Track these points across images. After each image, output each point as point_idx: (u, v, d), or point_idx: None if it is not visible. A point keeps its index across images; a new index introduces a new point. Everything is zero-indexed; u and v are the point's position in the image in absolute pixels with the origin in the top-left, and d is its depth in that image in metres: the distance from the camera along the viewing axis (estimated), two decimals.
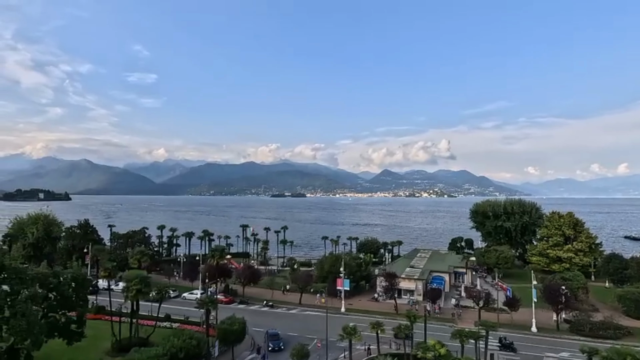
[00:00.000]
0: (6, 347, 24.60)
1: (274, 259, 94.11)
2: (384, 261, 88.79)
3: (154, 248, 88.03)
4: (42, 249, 69.97)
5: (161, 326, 39.90)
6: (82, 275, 33.02)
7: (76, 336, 29.89)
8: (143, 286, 35.00)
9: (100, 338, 36.43)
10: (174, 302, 53.80)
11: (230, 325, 34.70)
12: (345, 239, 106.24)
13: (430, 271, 63.82)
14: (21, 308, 24.02)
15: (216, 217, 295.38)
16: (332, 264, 59.86)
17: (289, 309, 53.84)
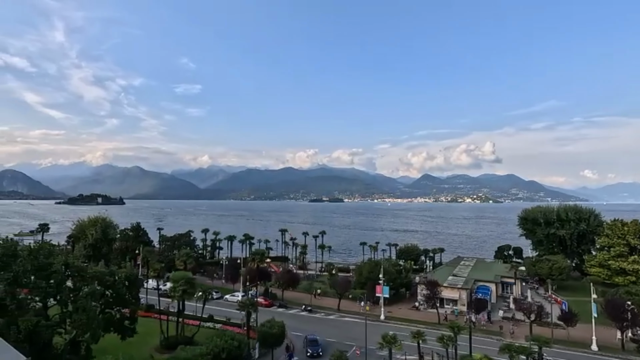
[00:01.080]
0: (69, 339, 26.82)
1: (312, 263, 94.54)
2: (425, 269, 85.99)
3: (198, 250, 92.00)
4: (100, 249, 75.56)
5: (204, 326, 41.47)
6: (135, 275, 35.26)
7: (129, 332, 31.83)
8: (188, 287, 36.66)
9: (150, 335, 38.52)
10: (216, 304, 55.68)
11: (269, 328, 35.23)
12: (384, 245, 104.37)
13: (475, 280, 60.75)
14: (82, 303, 26.10)
15: (256, 221, 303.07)
16: (370, 270, 58.96)
17: (327, 314, 53.71)
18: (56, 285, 27.02)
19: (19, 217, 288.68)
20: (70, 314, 26.15)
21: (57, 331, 26.56)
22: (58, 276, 26.72)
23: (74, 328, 26.17)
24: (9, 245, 27.22)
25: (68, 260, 28.55)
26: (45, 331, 24.53)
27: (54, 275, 26.82)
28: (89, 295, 27.30)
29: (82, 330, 25.90)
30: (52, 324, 26.12)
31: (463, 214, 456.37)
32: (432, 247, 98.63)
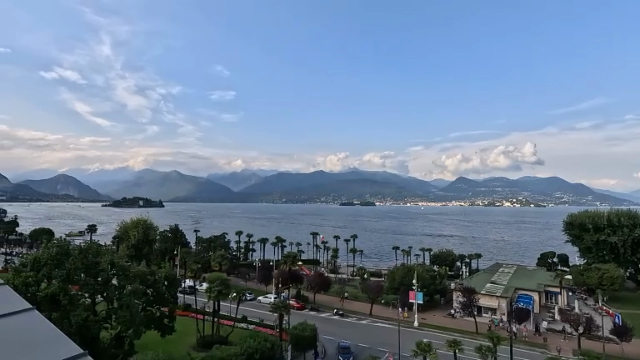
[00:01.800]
0: (115, 334, 28.44)
1: (343, 267, 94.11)
2: (461, 275, 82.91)
3: (232, 252, 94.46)
4: (141, 250, 79.60)
5: (238, 327, 42.43)
6: (173, 275, 36.83)
7: (168, 330, 33.20)
8: (224, 288, 37.75)
9: (187, 333, 39.94)
10: (249, 305, 56.76)
11: (302, 331, 35.44)
12: (418, 250, 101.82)
13: (516, 288, 57.73)
14: (126, 301, 27.59)
15: (287, 224, 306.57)
16: (403, 276, 57.76)
17: (359, 318, 53.16)
18: (103, 283, 28.77)
19: (70, 218, 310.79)
20: (116, 310, 27.72)
21: (104, 326, 28.24)
22: (105, 274, 28.45)
23: (118, 324, 27.71)
24: (63, 244, 29.38)
25: (113, 259, 30.31)
26: (93, 326, 26.18)
27: (101, 274, 28.58)
28: (132, 293, 28.81)
29: (126, 326, 27.36)
30: (99, 319, 27.84)
31: (501, 219, 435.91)
32: (468, 252, 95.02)
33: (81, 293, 28.72)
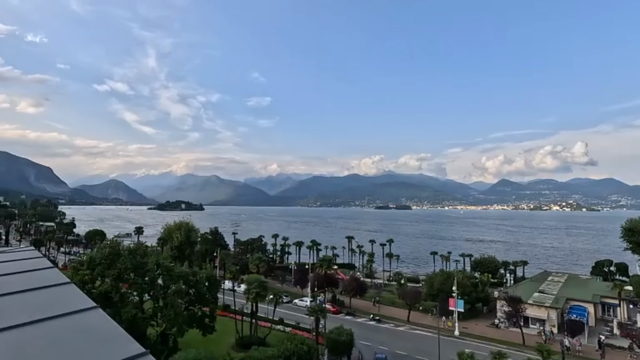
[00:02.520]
0: (160, 331, 29.91)
1: (379, 272, 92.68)
2: (505, 283, 78.62)
3: (269, 255, 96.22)
4: (183, 251, 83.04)
5: (275, 328, 43.06)
6: (214, 276, 38.13)
7: (209, 329, 34.35)
8: (261, 290, 38.49)
9: (226, 333, 41.08)
10: (285, 307, 57.41)
11: (338, 335, 35.27)
12: (457, 256, 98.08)
13: (567, 299, 53.70)
14: (170, 300, 28.97)
15: (322, 227, 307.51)
16: (442, 282, 55.73)
17: (397, 325, 51.97)
18: (150, 282, 30.42)
19: (119, 220, 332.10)
20: (161, 308, 29.18)
21: (150, 323, 29.80)
22: (151, 274, 30.06)
23: (164, 322, 29.15)
24: (114, 245, 31.48)
25: (159, 260, 31.96)
26: (141, 322, 27.73)
27: (148, 273, 30.24)
28: (176, 292, 30.20)
29: (170, 324, 28.72)
30: (146, 316, 29.42)
31: (549, 224, 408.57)
32: (512, 259, 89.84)
33: (130, 291, 30.54)
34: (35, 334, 2.68)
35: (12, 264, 4.84)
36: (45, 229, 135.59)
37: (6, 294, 3.40)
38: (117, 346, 2.53)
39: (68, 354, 2.41)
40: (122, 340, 2.58)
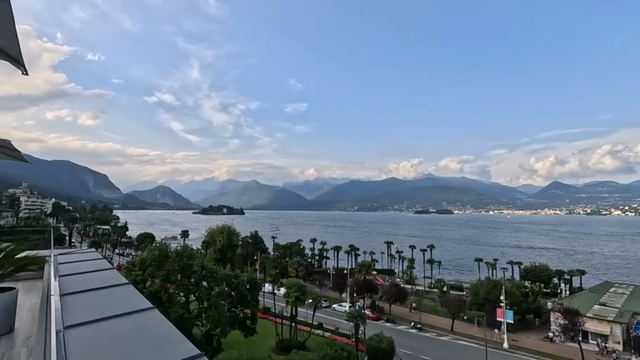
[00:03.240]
0: (205, 331, 31.07)
1: (419, 278, 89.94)
2: (559, 293, 72.97)
3: (307, 259, 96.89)
4: (226, 254, 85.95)
5: (314, 333, 43.09)
6: (255, 279, 39.02)
7: (250, 331, 35.16)
8: (301, 294, 38.79)
9: (267, 335, 41.75)
10: (324, 312, 57.33)
11: (378, 342, 34.62)
12: (504, 263, 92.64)
13: (634, 313, 48.69)
14: (214, 301, 30.03)
15: (360, 232, 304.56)
16: (489, 291, 52.89)
17: (439, 334, 49.99)
18: (195, 283, 31.77)
19: (167, 224, 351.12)
20: (206, 309, 30.34)
21: (196, 323, 31.06)
22: (197, 276, 31.41)
23: (208, 322, 30.26)
24: (163, 248, 33.29)
25: (203, 262, 33.31)
26: (187, 322, 28.97)
27: (194, 275, 31.61)
28: (219, 294, 31.26)
29: (214, 324, 29.75)
30: (192, 316, 30.71)
31: (610, 230, 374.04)
32: (567, 268, 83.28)
33: (177, 292, 32.08)
34: (101, 331, 2.82)
35: (79, 264, 5.23)
36: (102, 231, 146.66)
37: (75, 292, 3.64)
38: (174, 347, 2.60)
39: (130, 351, 2.52)
40: (178, 341, 2.65)
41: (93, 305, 3.61)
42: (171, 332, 2.85)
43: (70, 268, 5.19)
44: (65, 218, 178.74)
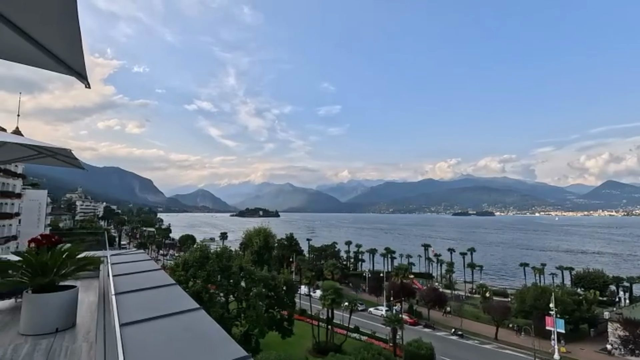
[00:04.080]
0: (244, 331, 31.84)
1: (459, 283, 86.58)
2: (617, 302, 67.21)
3: (342, 262, 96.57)
4: (262, 255, 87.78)
5: (351, 336, 42.73)
6: (291, 280, 39.49)
7: (287, 332, 35.57)
8: (337, 296, 38.69)
9: (303, 337, 42.01)
10: (360, 315, 56.71)
11: (417, 348, 33.68)
12: (553, 268, 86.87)
13: None
14: (252, 302, 30.72)
15: (395, 235, 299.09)
16: (536, 297, 49.78)
17: (482, 342, 47.75)
18: (234, 284, 32.70)
19: (206, 226, 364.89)
20: (244, 310, 31.12)
21: (235, 323, 31.94)
22: (235, 277, 32.32)
23: (247, 322, 31.00)
24: (204, 249, 34.62)
25: (242, 264, 34.24)
26: (227, 322, 29.84)
27: (233, 276, 32.56)
28: (257, 295, 31.93)
29: (252, 325, 30.43)
30: (231, 316, 31.61)
31: None
32: (627, 274, 76.48)
33: (217, 292, 33.19)
34: (153, 330, 2.94)
35: (130, 264, 5.54)
36: (147, 233, 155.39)
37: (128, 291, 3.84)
38: (221, 347, 2.67)
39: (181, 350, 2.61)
40: (225, 342, 2.71)
41: (145, 304, 3.79)
42: (218, 332, 2.93)
43: (122, 268, 5.50)
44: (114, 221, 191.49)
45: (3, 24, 1.47)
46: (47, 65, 1.79)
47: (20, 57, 1.76)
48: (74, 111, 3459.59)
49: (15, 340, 4.39)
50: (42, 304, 4.67)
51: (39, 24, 1.58)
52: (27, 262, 4.72)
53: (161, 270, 5.72)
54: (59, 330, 4.60)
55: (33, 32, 1.57)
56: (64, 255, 4.94)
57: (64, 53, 1.70)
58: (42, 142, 5.43)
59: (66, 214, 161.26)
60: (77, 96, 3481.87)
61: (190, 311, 3.49)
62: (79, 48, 1.65)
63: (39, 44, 1.63)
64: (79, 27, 1.52)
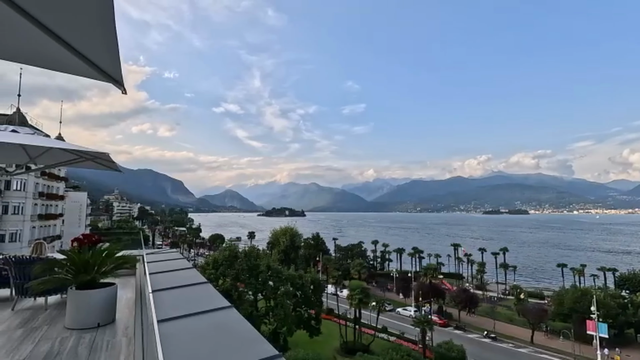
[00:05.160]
0: (272, 329, 32.30)
1: (491, 284, 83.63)
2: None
3: (369, 261, 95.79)
4: (289, 255, 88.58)
5: (379, 337, 42.31)
6: (318, 279, 39.63)
7: (315, 331, 35.74)
8: (364, 296, 38.46)
9: (330, 336, 42.00)
10: (388, 315, 56.07)
11: (447, 350, 32.88)
12: (594, 269, 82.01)
13: None
14: (280, 300, 31.12)
15: (423, 234, 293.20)
16: (575, 300, 47.27)
17: (517, 346, 45.89)
18: (262, 283, 33.25)
19: (235, 226, 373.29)
20: (272, 308, 31.59)
21: (263, 321, 32.49)
22: (263, 275, 32.86)
23: (275, 320, 31.45)
24: (233, 248, 35.44)
25: (269, 263, 34.74)
26: (256, 320, 30.39)
27: (261, 275, 33.11)
28: (284, 294, 32.32)
29: (281, 323, 30.82)
30: (260, 314, 32.17)
31: None
32: None
33: (246, 290, 33.88)
34: (188, 327, 3.03)
35: (164, 263, 5.75)
36: (179, 233, 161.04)
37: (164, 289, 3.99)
38: (253, 346, 2.69)
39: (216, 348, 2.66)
40: (257, 341, 2.73)
41: (180, 301, 3.92)
42: (250, 331, 2.97)
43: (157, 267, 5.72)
44: (148, 221, 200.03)
45: (49, 36, 1.61)
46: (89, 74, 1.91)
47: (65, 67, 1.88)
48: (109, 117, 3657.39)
49: (61, 333, 4.69)
50: (85, 300, 4.96)
51: (82, 36, 1.69)
52: (71, 261, 5.03)
53: (193, 268, 5.90)
54: (100, 325, 4.87)
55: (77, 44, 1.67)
56: (104, 254, 5.22)
57: (104, 62, 1.82)
58: (83, 147, 5.76)
59: (104, 214, 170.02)
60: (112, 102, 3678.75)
61: (222, 309, 3.57)
62: (117, 57, 1.75)
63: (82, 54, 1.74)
64: (116, 37, 1.62)
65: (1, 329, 4.90)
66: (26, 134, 5.89)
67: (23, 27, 1.53)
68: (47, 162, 7.37)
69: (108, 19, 1.51)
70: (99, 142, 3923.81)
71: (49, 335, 4.65)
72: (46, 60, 1.91)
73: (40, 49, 1.74)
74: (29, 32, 1.56)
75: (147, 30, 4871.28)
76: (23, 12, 1.47)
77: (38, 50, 1.76)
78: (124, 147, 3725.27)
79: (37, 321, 5.28)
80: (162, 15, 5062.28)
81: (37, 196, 49.44)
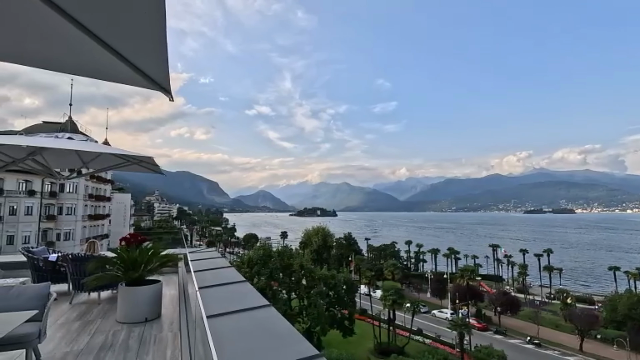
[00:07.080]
0: (306, 328, 32.60)
1: (534, 287, 79.30)
2: None
3: (402, 262, 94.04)
4: (321, 254, 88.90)
5: (413, 339, 41.46)
6: (351, 279, 39.50)
7: (349, 331, 35.64)
8: (398, 297, 37.86)
9: (364, 337, 41.69)
10: (423, 317, 54.74)
11: (487, 355, 31.61)
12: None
13: None
14: (313, 300, 31.34)
15: (459, 234, 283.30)
16: (631, 306, 43.81)
17: (564, 353, 43.18)
18: (295, 282, 33.66)
19: (268, 225, 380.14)
20: (306, 307, 31.87)
21: (297, 320, 32.86)
22: (297, 275, 33.24)
23: (308, 319, 31.71)
24: (267, 248, 36.17)
25: (302, 262, 35.09)
26: (290, 319, 30.78)
27: (294, 274, 33.53)
28: (318, 293, 32.51)
29: (314, 322, 31.02)
30: (294, 313, 32.58)
31: None
32: None
33: (280, 289, 34.43)
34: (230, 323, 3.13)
35: (205, 262, 6.00)
36: (215, 232, 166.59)
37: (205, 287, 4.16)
38: (293, 345, 2.72)
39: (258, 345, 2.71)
40: (297, 339, 2.77)
41: (221, 299, 4.07)
42: (289, 329, 3.02)
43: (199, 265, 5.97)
44: (186, 221, 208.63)
45: (104, 48, 1.69)
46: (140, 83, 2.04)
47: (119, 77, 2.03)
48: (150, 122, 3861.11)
49: (113, 327, 5.04)
50: (134, 295, 5.30)
51: (135, 49, 1.84)
52: (121, 258, 5.38)
53: (232, 267, 6.10)
54: (147, 320, 5.17)
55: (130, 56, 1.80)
56: (150, 253, 5.53)
57: (155, 72, 1.94)
58: (130, 152, 6.14)
59: (146, 214, 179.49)
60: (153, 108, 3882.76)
61: (262, 307, 3.66)
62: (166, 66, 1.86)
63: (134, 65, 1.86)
64: (166, 49, 1.70)
65: (61, 321, 5.33)
66: (80, 141, 6.37)
67: (82, 41, 1.64)
68: (98, 166, 7.92)
69: (161, 35, 1.58)
70: (140, 146, 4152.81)
71: (102, 328, 5.01)
72: (102, 71, 2.08)
73: (101, 64, 1.92)
74: (83, 44, 1.68)
75: (183, 38, 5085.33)
76: (82, 27, 1.55)
77: (98, 63, 1.93)
78: (163, 150, 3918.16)
79: (92, 315, 5.70)
80: (197, 22, 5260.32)
81: (87, 198, 53.17)
